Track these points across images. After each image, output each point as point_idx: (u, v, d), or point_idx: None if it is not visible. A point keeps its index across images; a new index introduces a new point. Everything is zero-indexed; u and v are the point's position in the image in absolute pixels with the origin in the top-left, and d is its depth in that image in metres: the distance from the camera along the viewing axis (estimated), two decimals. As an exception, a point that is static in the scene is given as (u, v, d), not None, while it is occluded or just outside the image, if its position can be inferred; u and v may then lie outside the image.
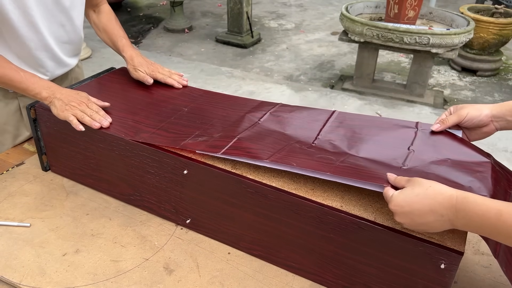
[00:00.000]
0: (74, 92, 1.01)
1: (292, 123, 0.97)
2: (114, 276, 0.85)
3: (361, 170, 0.77)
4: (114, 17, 1.28)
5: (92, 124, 0.94)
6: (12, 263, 0.87)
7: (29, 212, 1.00)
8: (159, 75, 1.14)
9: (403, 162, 0.81)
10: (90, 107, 0.98)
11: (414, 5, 3.30)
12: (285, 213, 0.81)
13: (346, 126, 0.96)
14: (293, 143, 0.88)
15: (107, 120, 0.96)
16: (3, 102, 1.18)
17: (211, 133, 0.93)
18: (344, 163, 0.80)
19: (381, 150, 0.86)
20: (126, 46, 1.20)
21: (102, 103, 1.01)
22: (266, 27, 5.25)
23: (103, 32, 1.25)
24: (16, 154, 1.20)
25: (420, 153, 0.84)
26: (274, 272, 0.87)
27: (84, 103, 0.98)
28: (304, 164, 0.79)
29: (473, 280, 0.87)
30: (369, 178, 0.75)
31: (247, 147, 0.85)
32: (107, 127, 0.95)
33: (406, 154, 0.84)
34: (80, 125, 0.95)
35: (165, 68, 1.18)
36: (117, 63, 1.50)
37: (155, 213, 1.00)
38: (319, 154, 0.83)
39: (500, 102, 1.00)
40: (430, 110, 3.27)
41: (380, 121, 0.98)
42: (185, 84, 1.15)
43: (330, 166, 0.79)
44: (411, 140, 0.88)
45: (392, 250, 0.73)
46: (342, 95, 3.47)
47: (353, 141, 0.89)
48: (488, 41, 3.80)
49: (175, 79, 1.15)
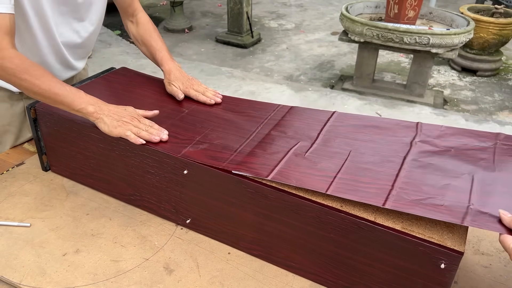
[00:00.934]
0: (122, 108, 0.96)
1: (291, 127, 0.98)
2: (114, 276, 0.85)
3: (358, 185, 0.77)
4: (153, 28, 1.21)
5: (152, 138, 0.90)
6: (12, 263, 0.87)
7: (29, 212, 1.00)
8: (192, 92, 1.09)
9: (405, 156, 0.82)
10: (143, 122, 0.94)
11: (414, 5, 3.30)
12: (285, 213, 0.81)
13: (345, 126, 0.96)
14: (293, 152, 0.88)
15: (165, 133, 0.92)
16: (8, 104, 1.18)
17: (212, 139, 0.93)
18: (343, 174, 0.80)
19: (381, 148, 0.86)
20: (165, 59, 1.14)
21: (152, 113, 0.99)
22: (266, 27, 5.25)
23: (142, 45, 1.20)
24: (16, 154, 1.20)
25: (421, 147, 0.85)
26: (274, 272, 0.87)
27: (136, 119, 0.94)
28: (304, 180, 0.80)
29: (473, 280, 0.87)
30: (367, 195, 0.75)
31: (248, 162, 0.85)
32: (166, 140, 0.91)
33: (407, 149, 0.84)
34: (139, 139, 0.90)
35: (202, 84, 1.13)
36: (117, 63, 1.50)
37: (155, 213, 1.00)
38: (318, 165, 0.84)
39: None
40: (430, 110, 3.27)
41: (380, 121, 0.98)
42: (218, 101, 1.08)
43: (329, 181, 0.79)
44: (413, 137, 0.89)
45: (392, 250, 0.73)
46: (342, 95, 3.47)
47: (352, 145, 0.89)
48: (488, 41, 3.80)
49: (208, 96, 1.08)
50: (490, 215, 0.68)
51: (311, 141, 0.91)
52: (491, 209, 0.69)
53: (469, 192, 0.73)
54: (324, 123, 0.98)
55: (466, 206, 0.70)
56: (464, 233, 0.72)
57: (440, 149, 0.84)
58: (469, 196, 0.72)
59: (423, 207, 0.70)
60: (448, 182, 0.75)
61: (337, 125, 0.97)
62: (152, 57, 1.18)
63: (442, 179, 0.77)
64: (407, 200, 0.72)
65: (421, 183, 0.76)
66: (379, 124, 0.95)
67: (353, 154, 0.86)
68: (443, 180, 0.76)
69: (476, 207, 0.70)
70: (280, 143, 0.91)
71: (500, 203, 0.70)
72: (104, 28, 4.69)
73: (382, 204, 0.72)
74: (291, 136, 0.94)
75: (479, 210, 0.69)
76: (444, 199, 0.72)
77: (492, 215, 0.68)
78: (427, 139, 0.88)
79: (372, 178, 0.79)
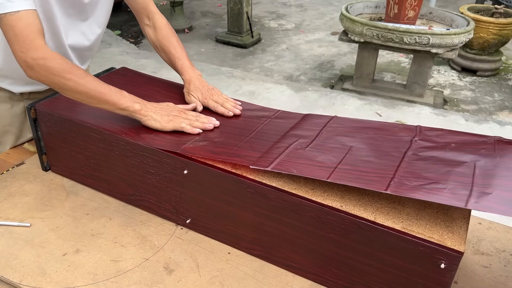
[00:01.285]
0: (164, 104, 0.98)
1: (291, 128, 0.98)
2: (114, 276, 0.85)
3: (361, 174, 0.77)
4: (171, 33, 1.16)
5: (206, 126, 0.95)
6: (12, 263, 0.87)
7: (29, 212, 1.00)
8: (211, 103, 1.05)
9: (405, 151, 0.82)
10: (191, 114, 0.98)
11: (414, 5, 3.30)
12: (285, 213, 0.81)
13: (345, 127, 0.96)
14: (293, 146, 0.88)
15: (213, 120, 0.97)
16: (9, 104, 1.18)
17: (212, 137, 0.93)
18: (344, 165, 0.80)
19: (381, 144, 0.86)
20: (185, 67, 1.11)
21: (191, 106, 1.02)
22: (266, 27, 5.25)
23: (162, 52, 1.16)
24: (16, 154, 1.20)
25: (421, 144, 0.85)
26: (274, 272, 0.87)
27: (183, 112, 0.98)
28: (304, 170, 0.79)
29: (473, 280, 0.87)
30: (368, 182, 0.75)
31: (248, 155, 0.86)
32: (218, 125, 0.97)
33: (407, 146, 0.84)
34: (195, 129, 0.94)
35: (223, 94, 1.09)
36: (117, 63, 1.50)
37: (155, 213, 1.00)
38: (318, 157, 0.84)
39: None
40: (430, 110, 3.27)
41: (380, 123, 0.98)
42: (237, 112, 1.04)
43: (329, 171, 0.79)
44: (412, 136, 0.89)
45: (392, 250, 0.73)
46: (342, 95, 3.47)
47: (352, 142, 0.89)
48: (488, 41, 3.80)
49: (227, 107, 1.04)
50: (494, 195, 0.66)
51: (311, 138, 0.92)
52: (494, 190, 0.67)
53: (471, 176, 0.71)
54: (323, 125, 0.98)
55: (470, 188, 0.68)
56: (464, 233, 0.72)
57: (440, 145, 0.83)
58: (472, 179, 0.70)
59: (426, 191, 0.69)
60: (450, 169, 0.74)
61: (336, 126, 0.97)
62: (172, 65, 1.15)
63: (443, 167, 0.76)
64: (409, 186, 0.71)
65: (422, 171, 0.75)
66: (379, 126, 0.95)
67: (353, 149, 0.86)
68: (444, 168, 0.75)
69: (479, 189, 0.68)
70: (280, 140, 0.92)
71: (504, 185, 0.68)
72: (104, 28, 4.69)
73: (385, 189, 0.71)
74: (291, 134, 0.94)
75: (483, 191, 0.67)
76: (447, 183, 0.70)
77: (496, 196, 0.65)
78: (426, 138, 0.88)
79: (373, 168, 0.79)
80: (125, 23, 5.16)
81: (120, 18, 5.22)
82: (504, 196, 0.65)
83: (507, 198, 0.64)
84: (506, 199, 0.64)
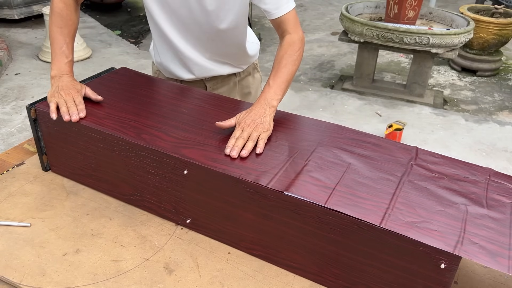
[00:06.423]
0: (72, 83, 1.05)
1: (290, 135, 0.98)
2: (114, 276, 0.85)
3: (357, 200, 0.78)
4: (286, 54, 1.09)
5: (63, 115, 0.98)
6: (13, 263, 0.87)
7: (30, 212, 1.00)
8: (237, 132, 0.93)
9: (401, 176, 0.84)
10: (74, 99, 1.01)
11: (414, 5, 3.30)
12: (285, 213, 0.81)
13: (344, 138, 0.97)
14: (292, 161, 0.88)
15: (79, 115, 0.98)
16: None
17: (211, 141, 0.93)
18: (341, 187, 0.81)
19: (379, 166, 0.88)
20: (263, 92, 1.04)
21: (96, 97, 1.04)
22: (266, 27, 5.25)
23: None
24: (16, 154, 1.20)
25: (417, 170, 0.87)
26: (274, 272, 0.87)
27: (71, 94, 1.02)
28: (304, 190, 0.80)
29: (473, 280, 0.88)
30: (365, 212, 0.75)
31: (248, 167, 0.86)
32: (75, 121, 0.98)
33: (404, 170, 0.87)
34: (54, 113, 0.99)
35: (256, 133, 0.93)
36: (117, 63, 1.50)
37: (155, 213, 1.00)
38: (317, 174, 0.84)
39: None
40: (430, 110, 3.27)
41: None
42: (234, 156, 0.89)
43: (328, 192, 0.80)
44: (409, 159, 0.90)
45: (392, 250, 0.73)
46: (342, 95, 3.47)
47: (350, 158, 0.90)
48: (488, 41, 3.80)
49: (235, 144, 0.91)
50: (480, 246, 0.70)
51: (310, 150, 0.92)
52: (481, 241, 0.71)
53: (461, 221, 0.74)
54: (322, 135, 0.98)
55: (459, 234, 0.71)
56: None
57: (435, 175, 0.86)
58: (462, 225, 0.74)
59: (418, 231, 0.71)
60: (442, 209, 0.77)
61: (336, 136, 0.97)
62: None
63: (436, 205, 0.78)
64: (402, 221, 0.73)
65: (416, 206, 0.77)
66: (377, 142, 0.96)
67: (351, 167, 0.87)
68: (437, 206, 0.78)
69: (468, 236, 0.71)
70: (279, 150, 0.92)
71: (489, 237, 0.72)
72: (104, 28, 4.69)
73: (379, 223, 0.73)
74: (290, 144, 0.94)
75: (471, 240, 0.71)
76: (438, 225, 0.73)
77: (482, 247, 0.70)
78: (422, 164, 0.89)
79: (370, 194, 0.80)
80: (125, 23, 5.16)
81: (120, 18, 5.22)
82: (489, 248, 0.69)
83: (491, 250, 0.69)
84: (490, 251, 0.69)
